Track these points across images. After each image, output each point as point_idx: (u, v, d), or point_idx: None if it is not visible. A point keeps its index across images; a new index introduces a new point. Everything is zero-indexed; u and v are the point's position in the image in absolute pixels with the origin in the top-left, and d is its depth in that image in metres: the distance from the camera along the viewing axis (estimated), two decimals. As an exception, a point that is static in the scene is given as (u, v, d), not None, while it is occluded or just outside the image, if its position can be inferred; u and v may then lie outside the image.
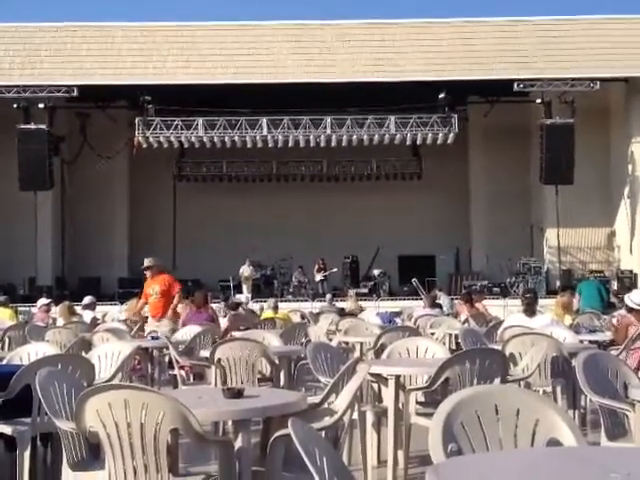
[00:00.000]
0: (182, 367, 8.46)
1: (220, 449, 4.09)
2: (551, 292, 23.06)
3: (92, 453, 4.29)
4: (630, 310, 7.92)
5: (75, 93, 24.61)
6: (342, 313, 15.29)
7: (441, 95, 25.28)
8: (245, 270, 25.43)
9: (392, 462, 5.68)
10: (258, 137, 26.01)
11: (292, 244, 26.47)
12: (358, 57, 25.10)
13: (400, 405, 5.77)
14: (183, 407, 3.70)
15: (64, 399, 4.46)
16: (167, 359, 9.53)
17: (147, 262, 12.51)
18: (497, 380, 5.59)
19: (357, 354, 9.40)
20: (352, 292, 24.12)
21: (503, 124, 26.60)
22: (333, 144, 26.28)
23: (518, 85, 24.57)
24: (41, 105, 24.61)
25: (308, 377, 8.08)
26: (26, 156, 24.29)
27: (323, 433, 4.05)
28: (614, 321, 8.89)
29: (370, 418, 6.11)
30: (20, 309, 19.46)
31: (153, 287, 12.17)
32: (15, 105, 24.53)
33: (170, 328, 10.67)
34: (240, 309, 13.92)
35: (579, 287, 17.85)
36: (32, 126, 24.57)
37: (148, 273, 12.38)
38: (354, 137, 26.02)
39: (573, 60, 24.81)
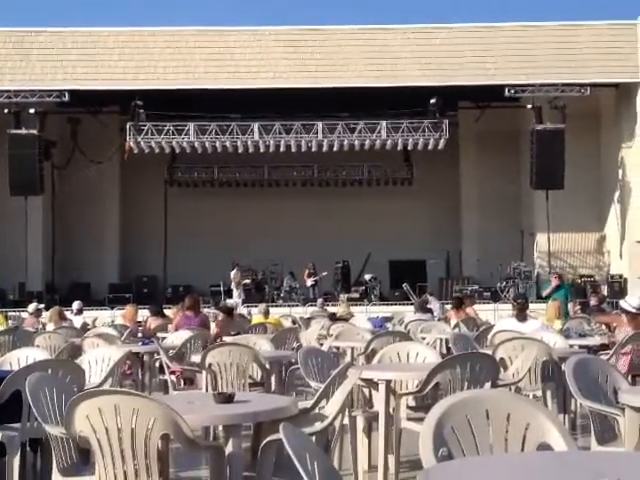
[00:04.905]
0: (173, 372, 8.45)
1: (211, 454, 4.09)
2: (541, 297, 23.09)
3: (82, 458, 4.27)
4: (626, 313, 7.97)
5: (66, 98, 24.54)
6: (333, 318, 15.26)
7: (432, 100, 25.31)
8: (235, 275, 25.44)
9: (383, 467, 5.68)
10: (249, 142, 25.98)
11: (283, 249, 26.45)
12: (349, 62, 25.11)
13: (391, 410, 5.77)
14: (174, 412, 3.69)
15: (54, 404, 4.45)
16: (158, 364, 9.51)
17: None
18: (488, 384, 5.60)
19: (348, 359, 9.39)
20: (343, 297, 24.15)
21: (494, 129, 26.67)
22: (324, 149, 26.28)
23: (509, 90, 24.64)
24: (32, 110, 24.50)
25: (299, 382, 8.07)
26: (17, 161, 24.21)
27: (314, 438, 4.05)
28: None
29: (361, 423, 6.10)
30: (10, 314, 19.43)
31: None
32: (6, 110, 24.44)
33: None
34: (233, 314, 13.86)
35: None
36: (23, 131, 24.49)
37: None
38: (345, 142, 26.01)
39: (564, 66, 24.88)
